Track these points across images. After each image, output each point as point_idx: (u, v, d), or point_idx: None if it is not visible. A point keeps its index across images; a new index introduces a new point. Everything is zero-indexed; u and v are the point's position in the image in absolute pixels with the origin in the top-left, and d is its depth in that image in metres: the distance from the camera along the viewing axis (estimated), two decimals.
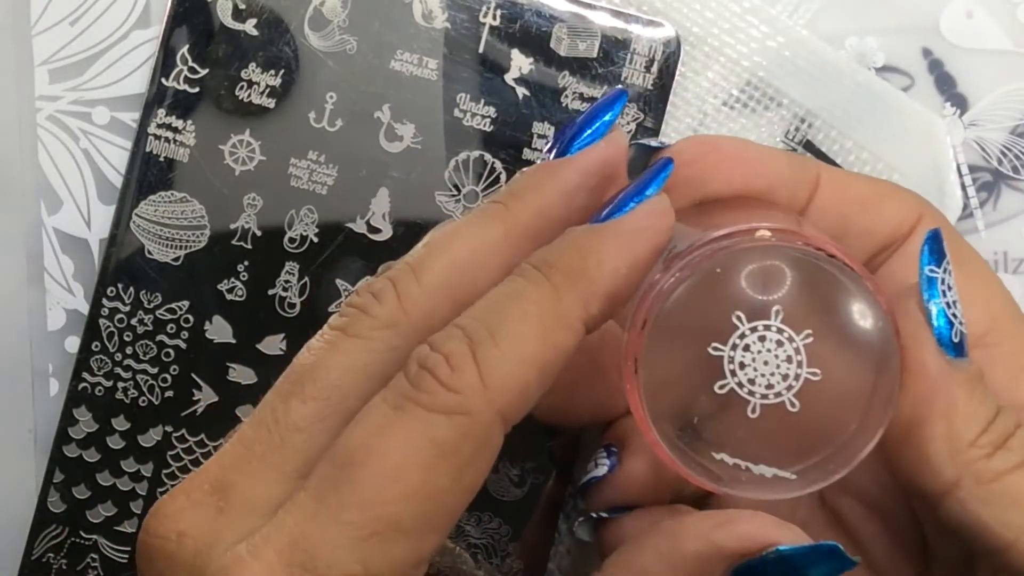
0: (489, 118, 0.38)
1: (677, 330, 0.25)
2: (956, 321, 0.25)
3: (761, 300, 0.24)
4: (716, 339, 0.24)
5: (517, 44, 0.38)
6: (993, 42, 0.39)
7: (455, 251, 0.26)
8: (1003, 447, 0.24)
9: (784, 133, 0.38)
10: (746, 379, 0.24)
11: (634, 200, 0.26)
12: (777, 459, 0.25)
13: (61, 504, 0.38)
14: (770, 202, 0.28)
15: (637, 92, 0.37)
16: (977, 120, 0.39)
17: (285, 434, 0.24)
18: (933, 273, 0.25)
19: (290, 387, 0.25)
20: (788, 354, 0.24)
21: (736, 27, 0.38)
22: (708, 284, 0.25)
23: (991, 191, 0.39)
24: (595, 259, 0.25)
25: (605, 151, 0.27)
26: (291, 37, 0.38)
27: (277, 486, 0.24)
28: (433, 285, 0.25)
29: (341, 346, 0.25)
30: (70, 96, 0.39)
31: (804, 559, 0.24)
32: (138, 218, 0.38)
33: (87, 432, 0.38)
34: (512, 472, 0.38)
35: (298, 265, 0.38)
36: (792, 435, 0.25)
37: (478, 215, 0.26)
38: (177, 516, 0.24)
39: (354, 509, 0.23)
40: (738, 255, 0.25)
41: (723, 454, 0.25)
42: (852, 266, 0.25)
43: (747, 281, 0.25)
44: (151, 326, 0.38)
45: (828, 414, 0.25)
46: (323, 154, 0.38)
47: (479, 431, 0.23)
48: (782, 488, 0.25)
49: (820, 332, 0.24)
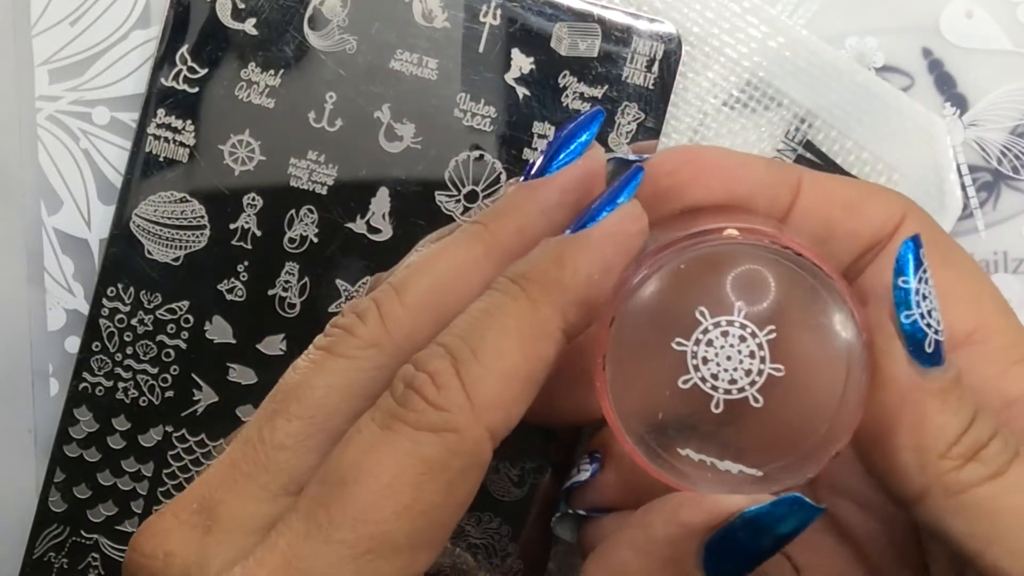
0: (489, 118, 0.38)
1: (643, 326, 0.25)
2: (931, 331, 0.24)
3: (725, 296, 0.25)
4: (680, 334, 0.25)
5: (517, 44, 0.38)
6: (993, 42, 0.39)
7: (437, 271, 0.26)
8: (974, 459, 0.24)
9: (784, 133, 0.38)
10: (709, 374, 0.25)
11: (607, 208, 0.26)
12: (742, 456, 0.25)
13: (62, 504, 0.38)
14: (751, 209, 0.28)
15: (638, 92, 0.37)
16: (977, 120, 0.39)
17: (271, 452, 0.25)
18: (905, 284, 0.24)
19: (276, 406, 0.25)
20: (751, 349, 0.24)
21: (736, 27, 0.38)
22: (673, 281, 0.25)
23: (991, 191, 0.39)
24: (569, 268, 0.25)
25: (583, 169, 0.27)
26: (291, 37, 0.38)
27: (264, 504, 0.24)
28: (416, 305, 0.26)
29: (326, 365, 0.25)
30: (70, 96, 0.39)
31: (770, 516, 0.24)
32: (138, 218, 0.38)
33: (88, 432, 0.38)
34: (512, 472, 0.38)
35: (298, 265, 0.38)
36: (757, 432, 0.25)
37: (459, 235, 0.27)
38: (165, 535, 0.25)
39: (346, 528, 0.23)
40: (703, 252, 0.25)
41: (688, 450, 0.25)
42: (820, 266, 0.25)
43: (711, 278, 0.25)
44: (151, 326, 0.38)
45: (794, 413, 0.25)
46: (323, 154, 0.38)
47: (468, 447, 0.24)
48: (749, 486, 0.25)
49: (785, 329, 0.24)
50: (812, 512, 0.24)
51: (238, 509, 0.24)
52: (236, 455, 0.25)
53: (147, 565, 0.24)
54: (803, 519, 0.24)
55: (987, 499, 0.24)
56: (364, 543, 0.23)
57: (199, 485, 0.25)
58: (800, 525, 0.24)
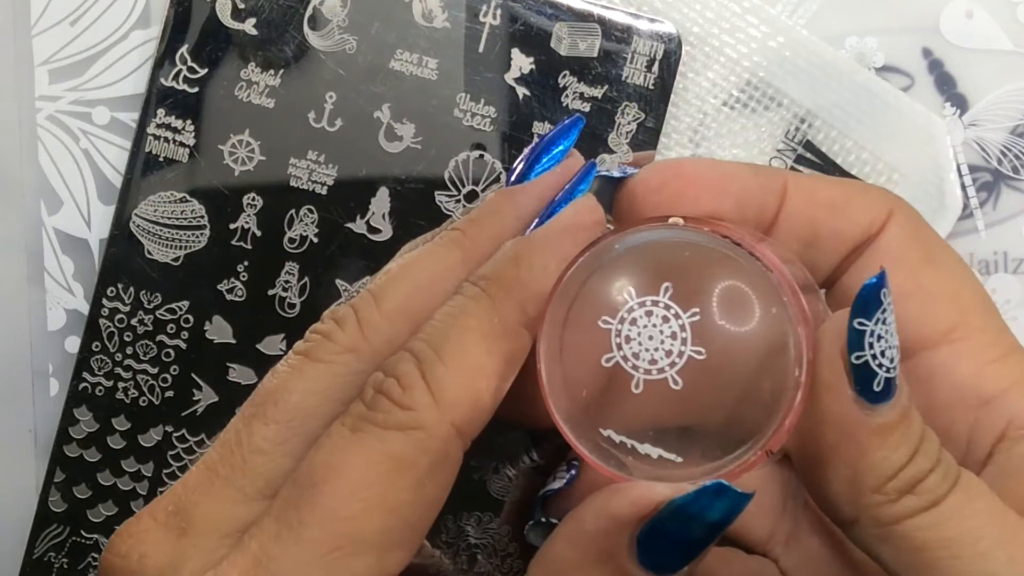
0: (489, 118, 0.38)
1: (575, 305, 0.26)
2: (882, 370, 0.24)
3: (653, 278, 0.25)
4: (607, 313, 0.25)
5: (517, 44, 0.38)
6: (993, 42, 0.39)
7: (414, 277, 0.27)
8: (911, 492, 0.24)
9: (784, 133, 0.38)
10: (631, 353, 0.25)
11: (561, 205, 0.27)
12: (661, 439, 0.25)
13: (62, 503, 0.38)
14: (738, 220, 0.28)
15: (638, 92, 0.37)
16: (977, 120, 0.39)
17: (247, 456, 0.25)
18: (861, 326, 0.24)
19: (254, 410, 0.25)
20: (673, 330, 0.24)
21: (736, 27, 0.38)
22: (608, 264, 0.25)
23: (991, 191, 0.39)
24: (526, 264, 0.26)
25: (560, 176, 0.28)
26: (291, 37, 0.38)
27: (239, 507, 0.25)
28: (393, 311, 0.26)
29: (304, 370, 0.26)
30: (70, 96, 0.39)
31: (696, 504, 0.24)
32: (138, 218, 0.38)
33: (88, 432, 0.38)
34: (512, 472, 0.38)
35: (298, 265, 0.38)
36: (675, 415, 0.25)
37: (437, 242, 0.27)
38: (141, 536, 0.25)
39: (315, 526, 0.23)
40: (637, 236, 0.25)
41: (610, 430, 0.25)
42: (760, 257, 0.24)
43: (644, 261, 0.25)
44: (151, 326, 0.38)
45: (713, 401, 0.25)
46: (323, 154, 0.38)
47: (435, 444, 0.24)
48: (670, 472, 0.25)
49: (712, 315, 0.24)
50: (739, 498, 0.24)
51: (213, 512, 0.25)
52: (214, 458, 0.25)
53: (122, 566, 0.25)
54: (730, 506, 0.24)
55: (916, 531, 0.24)
56: (333, 541, 0.23)
57: (177, 487, 0.25)
58: (728, 512, 0.24)
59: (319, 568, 0.23)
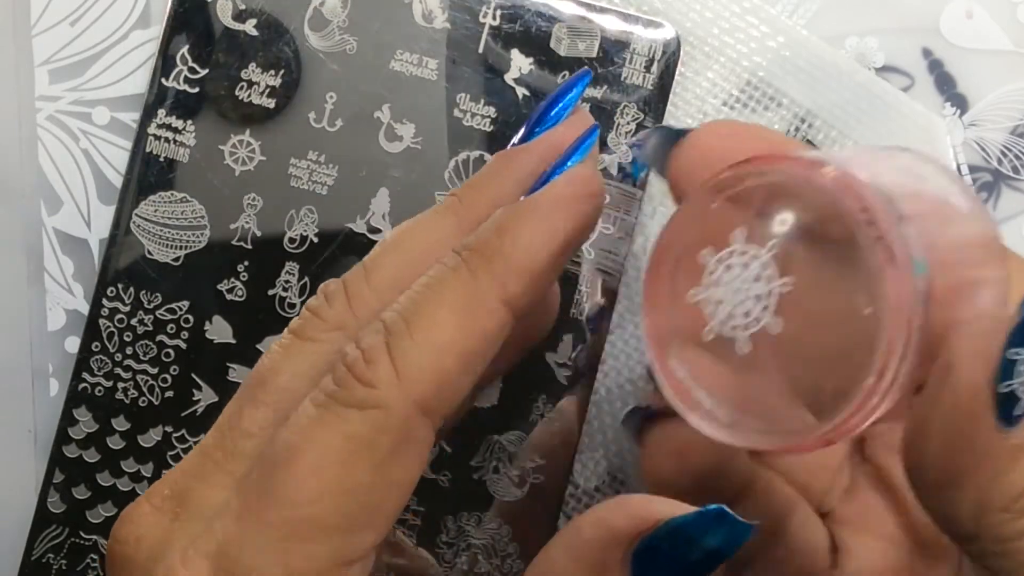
0: (489, 118, 0.38)
1: (673, 251, 0.24)
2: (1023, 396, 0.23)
3: (763, 228, 0.23)
4: (710, 247, 0.24)
5: (517, 44, 0.38)
6: (993, 42, 0.39)
7: (407, 248, 0.26)
8: None
9: (784, 133, 0.38)
10: (715, 299, 0.24)
11: (557, 172, 0.26)
12: (714, 391, 0.24)
13: (61, 504, 0.38)
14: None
15: (637, 92, 0.37)
16: (977, 120, 0.39)
17: (237, 440, 0.25)
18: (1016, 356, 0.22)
19: (246, 392, 0.25)
20: (759, 293, 0.23)
21: (736, 27, 0.38)
22: (696, 209, 0.24)
23: (991, 191, 0.39)
24: (509, 236, 0.24)
25: (564, 134, 0.26)
26: (291, 37, 0.38)
27: (228, 491, 0.24)
28: (383, 284, 0.25)
29: (293, 350, 0.25)
30: (70, 96, 0.39)
31: (694, 527, 0.23)
32: (138, 218, 0.38)
33: (87, 432, 0.38)
34: (512, 472, 0.38)
35: (298, 265, 0.38)
36: (733, 371, 0.24)
37: (433, 210, 0.26)
38: (139, 521, 0.25)
39: (272, 509, 0.23)
40: (774, 179, 0.23)
41: (674, 359, 0.24)
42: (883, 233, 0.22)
43: (769, 206, 0.23)
44: (151, 326, 0.38)
45: (776, 373, 0.23)
46: (323, 154, 0.38)
47: (395, 423, 0.23)
48: (717, 429, 0.24)
49: (800, 289, 0.23)
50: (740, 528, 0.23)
51: (204, 496, 0.24)
52: (209, 443, 0.25)
53: (120, 551, 0.24)
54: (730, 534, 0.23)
55: None
56: (290, 524, 0.22)
57: (175, 472, 0.25)
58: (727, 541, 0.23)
59: (276, 552, 0.22)
